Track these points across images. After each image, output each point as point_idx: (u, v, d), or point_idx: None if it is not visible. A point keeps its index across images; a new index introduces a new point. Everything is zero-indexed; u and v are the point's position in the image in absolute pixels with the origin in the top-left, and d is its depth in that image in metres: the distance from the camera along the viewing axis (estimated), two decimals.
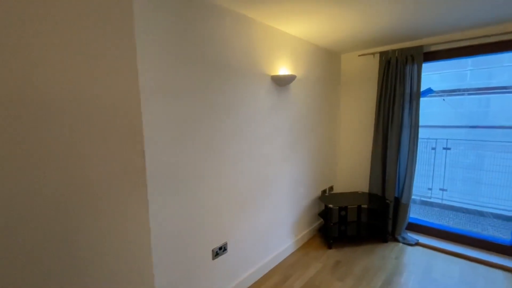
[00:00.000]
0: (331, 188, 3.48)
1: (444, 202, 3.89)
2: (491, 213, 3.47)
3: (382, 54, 2.97)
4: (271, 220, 2.52)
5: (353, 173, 3.43)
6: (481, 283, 2.25)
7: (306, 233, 3.03)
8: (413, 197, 2.99)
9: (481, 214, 3.55)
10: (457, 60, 2.85)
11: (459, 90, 3.41)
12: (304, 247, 2.92)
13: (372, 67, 3.12)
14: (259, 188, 2.34)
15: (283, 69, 2.42)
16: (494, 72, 4.35)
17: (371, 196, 3.13)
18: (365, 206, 2.90)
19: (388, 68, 2.94)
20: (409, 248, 2.82)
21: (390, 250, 2.79)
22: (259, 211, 2.36)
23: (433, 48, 2.73)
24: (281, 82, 2.40)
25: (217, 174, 1.92)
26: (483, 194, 3.62)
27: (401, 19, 2.17)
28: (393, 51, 2.87)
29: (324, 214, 3.04)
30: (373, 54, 3.07)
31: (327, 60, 3.11)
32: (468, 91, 3.29)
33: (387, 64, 2.94)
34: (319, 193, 3.24)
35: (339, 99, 3.45)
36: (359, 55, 3.19)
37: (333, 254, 2.74)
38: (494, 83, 4.40)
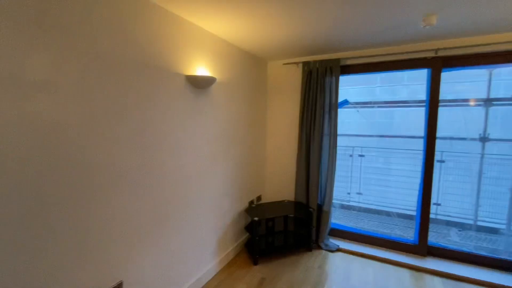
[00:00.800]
0: (259, 198, 3.35)
1: (361, 205, 4.22)
2: (396, 213, 3.90)
3: (305, 64, 3.02)
4: (189, 242, 2.18)
5: (280, 181, 3.38)
6: (392, 283, 2.38)
7: (231, 250, 2.78)
8: (334, 201, 3.09)
9: (388, 214, 3.96)
10: (370, 76, 3.13)
11: (370, 102, 3.78)
12: (229, 266, 2.66)
13: (296, 76, 3.15)
14: (174, 209, 1.98)
15: (201, 69, 2.16)
16: (396, 88, 5.03)
17: (296, 204, 3.11)
18: (291, 215, 2.84)
19: (310, 78, 3.00)
20: (331, 255, 2.87)
21: (314, 259, 2.78)
22: (172, 235, 1.99)
23: (349, 62, 2.89)
24: (199, 84, 2.13)
25: (104, 197, 1.49)
26: (390, 196, 4.05)
27: (322, 28, 2.19)
28: (315, 62, 2.94)
29: (251, 227, 2.86)
30: (297, 63, 3.10)
31: (254, 66, 3.00)
32: (377, 103, 3.67)
33: (309, 75, 3.00)
34: (246, 204, 3.05)
35: (266, 107, 3.38)
36: (284, 64, 3.18)
37: (258, 271, 2.55)
38: (396, 98, 5.08)
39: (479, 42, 2.36)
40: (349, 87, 4.30)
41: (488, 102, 3.43)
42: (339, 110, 2.96)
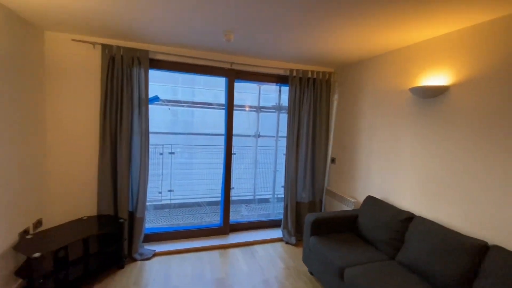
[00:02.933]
0: (38, 223, 2.37)
1: (173, 201, 4.27)
2: (205, 202, 4.36)
3: (105, 47, 2.49)
4: None
5: (74, 194, 2.59)
6: (207, 268, 2.62)
7: None
8: (147, 203, 2.86)
9: (198, 205, 4.34)
10: (173, 74, 3.17)
11: (180, 101, 3.89)
12: None
13: (94, 59, 2.53)
14: None
15: None
16: (195, 91, 5.54)
17: (101, 218, 2.54)
18: (94, 234, 2.27)
19: (113, 65, 2.54)
20: (148, 263, 2.65)
21: (128, 275, 2.43)
22: None
23: (159, 56, 2.75)
24: None
25: None
26: (198, 188, 4.45)
27: (123, 9, 1.87)
28: (118, 47, 2.52)
29: (27, 269, 1.96)
30: (93, 44, 2.49)
31: (13, 31, 2.03)
32: (187, 103, 3.84)
33: (111, 61, 2.53)
34: (14, 237, 2.05)
35: (44, 93, 2.43)
36: (73, 40, 2.44)
37: None
38: (196, 99, 5.60)
39: (258, 64, 3.13)
40: (155, 83, 4.17)
41: (258, 109, 4.70)
42: (149, 106, 2.76)
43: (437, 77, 2.05)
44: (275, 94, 4.05)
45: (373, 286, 1.73)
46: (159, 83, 4.59)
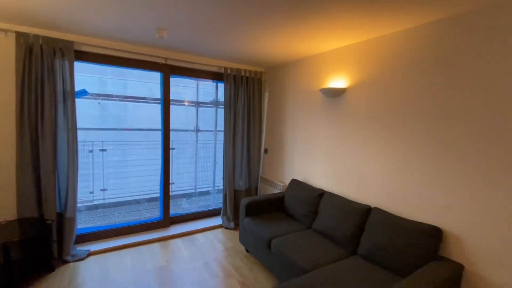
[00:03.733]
0: None
1: (106, 201, 4.07)
2: (145, 199, 4.28)
3: (20, 35, 2.28)
4: None
5: None
6: (147, 260, 2.69)
7: None
8: (78, 205, 2.74)
9: (138, 202, 4.24)
10: (101, 66, 3.04)
11: (110, 95, 3.69)
12: None
13: (6, 48, 2.28)
14: None
15: None
16: (128, 83, 5.29)
17: (22, 222, 2.35)
18: (15, 239, 2.09)
19: (30, 56, 2.34)
20: (82, 263, 2.57)
21: (60, 278, 2.33)
22: None
23: (86, 48, 2.63)
24: None
25: None
26: (136, 185, 4.33)
27: None
28: (36, 36, 2.33)
29: None
30: (5, 31, 2.25)
31: None
32: (119, 97, 3.68)
33: (28, 51, 2.33)
34: None
35: None
36: None
37: None
38: (129, 92, 5.34)
39: (193, 60, 3.26)
40: (80, 74, 3.86)
41: (197, 104, 4.80)
42: (76, 100, 2.62)
43: (339, 80, 2.58)
44: (213, 89, 4.23)
45: (292, 249, 2.14)
46: (85, 73, 4.25)
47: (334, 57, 2.65)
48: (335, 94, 2.56)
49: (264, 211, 2.91)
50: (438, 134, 1.83)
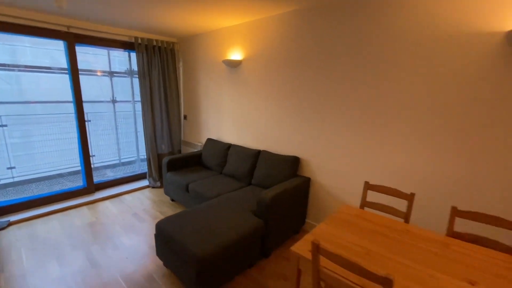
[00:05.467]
0: None
1: (17, 179, 3.88)
2: (67, 173, 4.22)
3: None
4: None
5: None
6: (76, 220, 2.95)
7: None
8: None
9: (61, 175, 4.15)
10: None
11: (8, 65, 3.32)
12: None
13: None
14: None
15: None
16: (17, 49, 4.69)
17: None
18: None
19: None
20: (3, 232, 2.66)
21: None
22: None
23: None
24: None
25: None
26: (54, 160, 4.19)
27: None
28: None
29: None
30: None
31: None
32: (18, 67, 3.37)
33: None
34: None
35: None
36: None
37: None
38: (23, 60, 4.76)
39: (100, 29, 3.28)
40: None
41: (110, 74, 4.72)
42: None
43: (236, 53, 3.15)
44: (127, 59, 4.25)
45: (203, 187, 2.78)
46: None
47: (232, 33, 3.18)
48: (234, 65, 3.14)
49: (185, 166, 3.45)
50: (296, 97, 2.64)
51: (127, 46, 3.66)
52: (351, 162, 2.34)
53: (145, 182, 4.02)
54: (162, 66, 3.87)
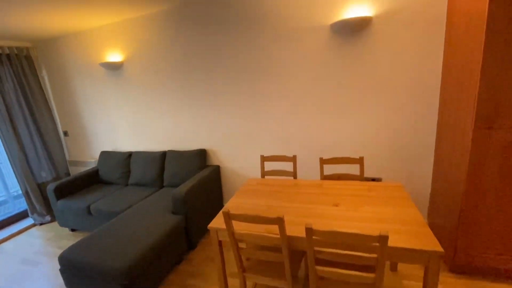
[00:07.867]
0: None
1: None
2: None
3: None
4: None
5: None
6: None
7: None
8: None
9: None
10: None
11: None
12: None
13: None
14: None
15: None
16: None
17: None
18: None
19: None
20: None
21: None
22: None
23: None
24: None
25: None
26: None
27: None
28: None
29: None
30: None
31: None
32: None
33: None
34: None
35: None
36: None
37: None
38: None
39: None
40: None
41: None
42: None
43: (116, 54, 2.93)
44: None
45: (109, 204, 2.56)
46: None
47: (105, 33, 2.91)
48: (115, 67, 2.92)
49: (79, 189, 3.02)
50: (190, 93, 2.75)
51: None
52: (247, 141, 2.68)
53: (28, 221, 3.28)
54: (18, 77, 3.15)
